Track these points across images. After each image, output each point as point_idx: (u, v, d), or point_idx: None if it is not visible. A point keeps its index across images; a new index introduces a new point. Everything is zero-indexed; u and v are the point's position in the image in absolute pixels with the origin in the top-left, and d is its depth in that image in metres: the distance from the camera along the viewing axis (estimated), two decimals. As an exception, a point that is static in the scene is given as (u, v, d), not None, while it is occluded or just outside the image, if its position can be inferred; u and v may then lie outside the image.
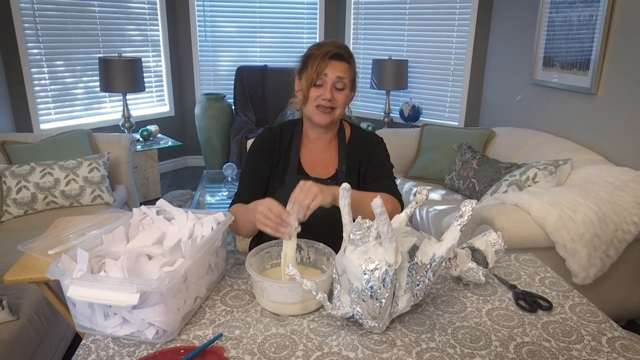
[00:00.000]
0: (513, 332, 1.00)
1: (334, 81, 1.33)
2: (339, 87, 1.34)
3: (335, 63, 1.33)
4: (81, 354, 0.92)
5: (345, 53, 1.34)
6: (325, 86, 1.33)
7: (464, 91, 3.97)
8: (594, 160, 2.38)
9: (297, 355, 0.92)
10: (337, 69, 1.33)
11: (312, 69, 1.32)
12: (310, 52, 1.36)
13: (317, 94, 1.34)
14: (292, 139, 1.46)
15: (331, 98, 1.33)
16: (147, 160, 3.84)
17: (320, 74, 1.32)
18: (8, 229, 2.40)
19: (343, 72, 1.34)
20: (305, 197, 1.08)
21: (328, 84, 1.33)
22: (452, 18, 3.93)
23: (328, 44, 1.36)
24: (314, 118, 1.37)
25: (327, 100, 1.33)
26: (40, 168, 2.55)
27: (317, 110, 1.35)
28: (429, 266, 0.99)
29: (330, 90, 1.33)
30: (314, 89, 1.34)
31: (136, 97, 4.26)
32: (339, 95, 1.35)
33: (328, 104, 1.34)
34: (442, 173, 3.07)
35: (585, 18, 2.62)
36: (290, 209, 1.08)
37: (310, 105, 1.37)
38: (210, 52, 4.65)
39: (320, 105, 1.34)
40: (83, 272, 0.92)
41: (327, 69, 1.32)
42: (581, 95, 2.70)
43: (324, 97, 1.33)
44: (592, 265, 1.82)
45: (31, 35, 3.49)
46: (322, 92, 1.33)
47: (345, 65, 1.34)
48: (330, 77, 1.32)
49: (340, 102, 1.36)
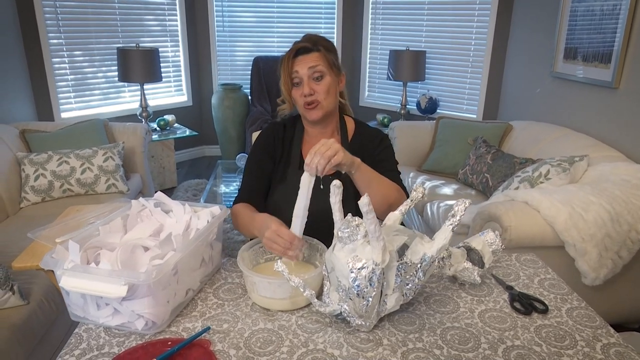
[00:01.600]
0: (504, 335, 0.98)
1: (308, 74, 1.32)
2: (316, 77, 1.33)
3: (302, 57, 1.32)
4: (73, 342, 0.95)
5: (311, 43, 1.33)
6: (302, 83, 1.33)
7: (483, 83, 3.88)
8: (612, 157, 2.30)
9: (282, 351, 0.92)
10: (307, 61, 1.32)
11: (284, 72, 1.33)
12: (282, 57, 1.36)
13: (299, 93, 1.34)
14: (294, 134, 1.46)
15: (311, 92, 1.32)
16: (164, 150, 3.90)
17: (291, 74, 1.33)
18: (26, 215, 2.48)
19: (314, 62, 1.32)
20: (328, 150, 1.07)
21: (304, 79, 1.32)
22: (473, 8, 3.84)
23: (296, 42, 1.35)
24: (306, 116, 1.37)
25: (308, 95, 1.32)
26: (57, 156, 2.62)
27: (306, 109, 1.35)
28: (419, 266, 0.97)
29: (308, 84, 1.32)
30: (294, 90, 1.34)
31: (155, 86, 4.31)
32: (319, 86, 1.33)
33: (310, 99, 1.33)
34: (455, 167, 3.01)
35: (608, 9, 2.52)
36: (310, 160, 1.07)
37: (298, 107, 1.38)
38: (228, 42, 4.66)
39: (305, 103, 1.34)
40: (74, 263, 0.94)
41: (297, 66, 1.32)
42: (602, 89, 2.60)
43: (304, 92, 1.32)
44: (602, 266, 1.77)
45: (52, 26, 3.57)
46: (301, 90, 1.33)
47: (314, 55, 1.32)
48: (303, 72, 1.32)
49: (323, 91, 1.33)
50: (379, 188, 1.22)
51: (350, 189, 1.39)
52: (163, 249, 1.02)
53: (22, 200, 2.55)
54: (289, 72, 1.32)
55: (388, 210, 1.13)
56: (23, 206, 2.56)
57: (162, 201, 1.24)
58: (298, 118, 1.47)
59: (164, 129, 3.96)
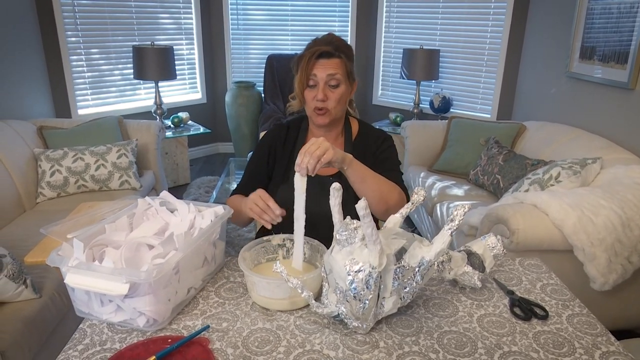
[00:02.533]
0: (501, 340, 0.98)
1: (325, 80, 1.31)
2: (333, 84, 1.33)
3: (324, 61, 1.31)
4: (77, 337, 0.98)
5: (334, 48, 1.31)
6: (317, 86, 1.32)
7: (498, 83, 3.84)
8: (626, 160, 2.26)
9: (279, 351, 0.94)
10: (327, 67, 1.31)
11: (302, 71, 1.32)
12: (301, 54, 1.35)
13: (312, 96, 1.33)
14: (298, 134, 1.47)
15: (324, 98, 1.32)
16: (177, 147, 3.95)
17: (310, 75, 1.31)
18: (42, 210, 2.54)
19: (334, 69, 1.31)
20: (317, 149, 1.08)
21: (320, 84, 1.31)
22: (488, 7, 3.79)
23: (318, 42, 1.34)
24: (314, 120, 1.38)
25: (321, 101, 1.32)
26: (72, 153, 2.68)
27: (315, 113, 1.35)
28: (417, 269, 0.98)
29: (323, 90, 1.31)
30: (308, 91, 1.34)
31: (170, 84, 4.36)
32: (333, 93, 1.33)
33: (322, 105, 1.32)
34: (467, 168, 2.99)
35: (625, 8, 2.47)
36: (300, 160, 1.08)
37: (308, 108, 1.37)
38: (242, 40, 4.69)
39: (316, 108, 1.34)
40: (79, 261, 0.97)
41: (316, 69, 1.31)
42: (618, 90, 2.55)
43: (317, 97, 1.32)
44: (612, 271, 1.75)
45: (70, 24, 3.64)
46: (315, 93, 1.32)
47: (335, 61, 1.32)
48: (321, 76, 1.31)
49: (335, 100, 1.34)
50: (374, 185, 1.22)
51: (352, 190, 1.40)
52: (165, 248, 1.04)
53: (39, 195, 2.61)
54: (307, 73, 1.31)
55: (387, 212, 1.13)
56: (39, 201, 2.62)
57: (168, 200, 1.27)
58: (304, 118, 1.48)
59: (177, 126, 4.01)
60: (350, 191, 1.39)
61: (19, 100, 3.15)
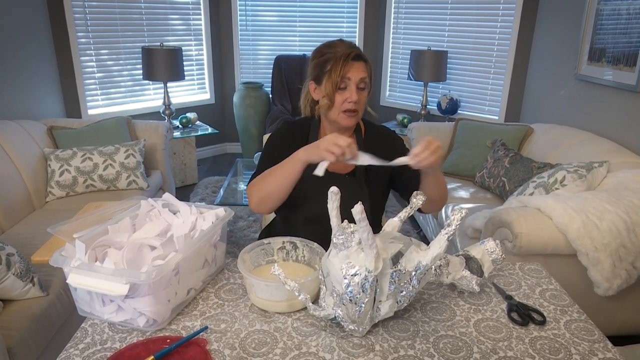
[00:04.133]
0: (497, 345, 0.98)
1: (357, 83, 1.32)
2: (361, 87, 1.34)
3: (357, 64, 1.33)
4: (78, 336, 1.00)
5: (361, 53, 1.35)
6: (349, 88, 1.32)
7: (506, 84, 3.81)
8: (634, 164, 2.24)
9: (275, 352, 0.95)
10: (360, 70, 1.33)
11: (337, 72, 1.30)
12: (326, 56, 1.34)
13: (342, 98, 1.33)
14: (309, 135, 1.46)
15: (357, 99, 1.33)
16: (185, 147, 3.98)
17: (344, 77, 1.31)
18: (52, 209, 2.58)
19: (364, 72, 1.34)
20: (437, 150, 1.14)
21: (352, 86, 1.32)
22: (497, 8, 3.77)
23: (341, 45, 1.35)
24: (341, 122, 1.36)
25: (354, 103, 1.33)
26: (81, 153, 2.71)
27: (344, 115, 1.34)
28: (414, 273, 0.98)
29: (357, 92, 1.32)
30: (338, 93, 1.33)
31: (179, 84, 4.40)
32: (361, 96, 1.35)
33: (354, 107, 1.33)
34: (473, 170, 2.98)
35: (635, 10, 2.44)
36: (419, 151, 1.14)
37: (335, 110, 1.35)
38: (250, 41, 4.72)
39: (347, 110, 1.34)
40: (80, 262, 0.99)
41: (351, 71, 1.31)
42: (626, 93, 2.53)
43: (351, 99, 1.32)
44: (616, 276, 1.73)
45: (81, 26, 3.69)
46: (348, 95, 1.32)
47: (364, 65, 1.34)
48: (354, 79, 1.32)
49: (363, 102, 1.36)
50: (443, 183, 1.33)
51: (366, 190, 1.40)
52: (165, 250, 1.06)
53: (48, 194, 2.65)
54: (342, 74, 1.31)
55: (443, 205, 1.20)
56: (48, 200, 2.67)
57: (170, 202, 1.29)
58: (311, 119, 1.48)
59: (186, 126, 4.05)
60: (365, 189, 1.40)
61: (30, 100, 3.21)
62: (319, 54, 1.37)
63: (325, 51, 1.36)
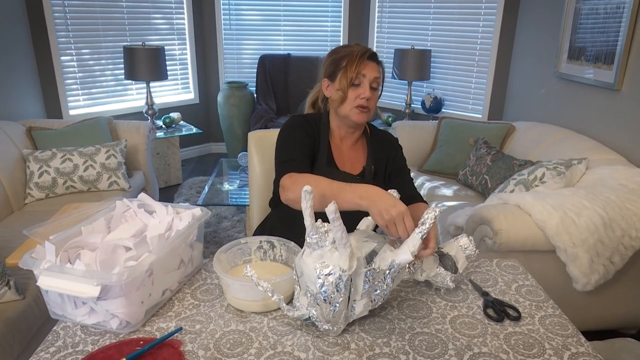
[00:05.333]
0: (472, 342, 0.98)
1: (370, 81, 1.35)
2: (374, 87, 1.37)
3: (372, 63, 1.37)
4: (50, 339, 0.98)
5: (377, 55, 1.39)
6: (363, 85, 1.35)
7: (489, 83, 3.85)
8: (612, 160, 2.27)
9: (250, 352, 0.94)
10: (374, 69, 1.36)
11: (352, 68, 1.33)
12: (342, 53, 1.38)
13: (355, 94, 1.35)
14: (319, 130, 1.45)
15: (370, 96, 1.36)
16: (169, 147, 3.95)
17: (359, 73, 1.34)
18: (30, 211, 2.54)
19: (377, 72, 1.38)
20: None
21: (365, 83, 1.35)
22: (479, 7, 3.80)
23: (357, 46, 1.39)
24: (353, 117, 1.37)
25: (367, 100, 1.35)
26: (61, 154, 2.67)
27: (357, 110, 1.36)
28: (388, 272, 0.98)
29: (369, 90, 1.35)
30: (352, 89, 1.36)
31: (162, 84, 4.36)
32: (373, 95, 1.38)
33: (366, 103, 1.36)
34: (456, 168, 3.00)
35: (612, 9, 2.48)
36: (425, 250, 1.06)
37: (347, 105, 1.37)
38: (235, 40, 4.69)
39: (360, 106, 1.36)
40: (51, 263, 0.97)
41: (366, 69, 1.35)
42: (604, 91, 2.57)
43: (364, 95, 1.34)
44: (594, 271, 1.75)
45: (61, 24, 3.63)
46: (361, 91, 1.35)
47: (377, 66, 1.38)
48: (369, 77, 1.35)
49: (374, 101, 1.39)
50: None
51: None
52: (138, 250, 1.04)
53: (27, 196, 2.61)
54: (357, 71, 1.34)
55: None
56: (27, 202, 2.62)
57: (146, 202, 1.27)
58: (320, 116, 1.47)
59: (169, 126, 4.01)
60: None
61: (9, 101, 3.15)
62: (335, 53, 1.41)
63: (341, 49, 1.40)
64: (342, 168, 1.45)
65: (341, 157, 1.46)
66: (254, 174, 1.71)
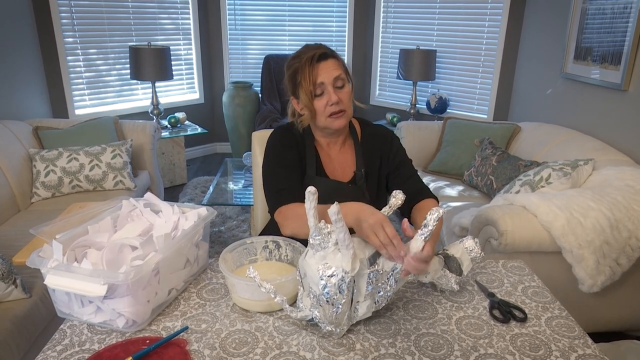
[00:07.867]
0: (478, 343, 0.98)
1: (332, 83, 1.27)
2: (340, 86, 1.29)
3: (326, 64, 1.27)
4: (57, 338, 0.99)
5: (327, 50, 1.30)
6: (326, 91, 1.27)
7: (494, 83, 3.83)
8: (618, 161, 2.25)
9: (256, 352, 0.94)
10: (330, 70, 1.27)
11: (307, 81, 1.25)
12: (293, 67, 1.29)
13: (322, 104, 1.28)
14: (304, 138, 1.40)
15: (338, 100, 1.27)
16: (174, 147, 3.96)
17: (315, 83, 1.26)
18: (36, 210, 2.55)
19: (336, 70, 1.28)
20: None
21: (328, 88, 1.27)
22: (485, 7, 3.79)
23: (305, 51, 1.30)
24: (330, 126, 1.31)
25: (336, 104, 1.27)
26: (67, 153, 2.69)
27: (331, 118, 1.29)
28: (391, 274, 0.98)
29: (335, 93, 1.27)
30: (317, 100, 1.28)
31: (167, 84, 4.37)
32: (342, 94, 1.29)
33: (337, 108, 1.28)
34: (462, 168, 2.99)
35: (619, 9, 2.46)
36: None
37: (320, 117, 1.30)
38: (240, 40, 4.70)
39: (332, 113, 1.29)
40: (58, 262, 0.98)
41: (321, 74, 1.26)
42: (611, 91, 2.55)
43: (331, 102, 1.27)
44: (600, 273, 1.74)
45: (67, 25, 3.65)
46: (326, 99, 1.27)
47: (334, 62, 1.28)
48: (328, 80, 1.26)
49: (347, 99, 1.30)
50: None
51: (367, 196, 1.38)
52: (145, 250, 1.05)
53: (33, 195, 2.63)
54: (312, 81, 1.26)
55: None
56: (34, 201, 2.64)
57: (152, 201, 1.27)
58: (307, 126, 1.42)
59: (174, 126, 4.02)
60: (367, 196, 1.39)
61: (16, 100, 3.17)
62: (288, 68, 1.32)
63: (292, 63, 1.31)
64: (333, 176, 1.39)
65: (331, 164, 1.41)
66: (258, 174, 1.71)
